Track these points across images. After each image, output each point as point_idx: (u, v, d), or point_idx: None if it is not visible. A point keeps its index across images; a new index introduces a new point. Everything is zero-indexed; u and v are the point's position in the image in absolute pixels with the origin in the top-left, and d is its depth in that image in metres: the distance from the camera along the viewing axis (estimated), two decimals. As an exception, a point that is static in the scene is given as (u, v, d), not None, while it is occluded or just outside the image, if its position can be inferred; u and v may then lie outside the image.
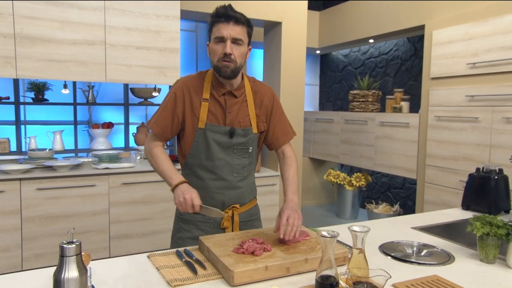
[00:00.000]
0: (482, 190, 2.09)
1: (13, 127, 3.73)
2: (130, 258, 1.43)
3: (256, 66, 5.07)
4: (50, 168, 2.99)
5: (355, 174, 4.59)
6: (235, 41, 1.50)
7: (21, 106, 3.79)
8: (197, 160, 1.62)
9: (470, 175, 2.16)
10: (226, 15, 1.48)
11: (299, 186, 1.71)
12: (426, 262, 1.41)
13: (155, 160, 1.62)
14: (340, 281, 1.14)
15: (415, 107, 4.27)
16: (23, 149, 3.75)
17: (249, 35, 1.57)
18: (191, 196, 1.46)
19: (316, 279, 1.14)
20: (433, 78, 3.56)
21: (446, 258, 1.46)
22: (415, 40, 4.47)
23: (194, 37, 4.83)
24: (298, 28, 3.83)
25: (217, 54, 1.51)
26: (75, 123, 3.97)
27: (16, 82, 3.60)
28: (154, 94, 3.87)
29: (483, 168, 2.13)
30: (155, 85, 3.92)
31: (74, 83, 3.83)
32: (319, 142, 5.09)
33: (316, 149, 5.15)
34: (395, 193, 4.82)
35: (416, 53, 4.46)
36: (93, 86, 3.93)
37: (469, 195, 2.17)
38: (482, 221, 1.43)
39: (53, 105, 3.77)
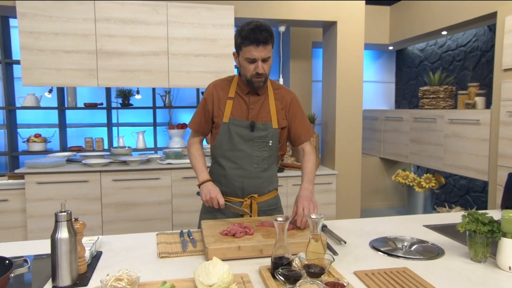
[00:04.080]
0: (523, 190, 1.91)
1: (106, 128, 4.40)
2: (142, 235, 1.70)
3: (318, 66, 5.10)
4: (125, 162, 3.49)
5: (425, 175, 4.33)
6: (265, 59, 1.68)
7: (112, 110, 4.45)
8: (220, 150, 1.81)
9: (510, 174, 1.98)
10: (255, 40, 1.62)
11: (315, 177, 1.82)
12: (406, 256, 1.41)
13: (190, 156, 1.90)
14: (295, 263, 1.24)
15: (493, 103, 3.88)
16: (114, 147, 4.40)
17: (273, 46, 1.72)
18: (216, 195, 1.70)
19: (271, 260, 1.26)
20: (505, 70, 3.23)
21: (434, 254, 1.43)
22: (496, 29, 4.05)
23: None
24: (355, 26, 3.79)
25: (250, 71, 1.70)
26: (154, 124, 4.50)
27: (108, 90, 4.25)
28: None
29: (525, 167, 1.94)
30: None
31: (154, 89, 4.36)
32: (389, 142, 4.90)
33: (386, 148, 4.97)
34: (475, 197, 4.40)
35: (497, 42, 4.03)
36: (169, 91, 4.43)
37: (508, 196, 1.99)
38: (471, 218, 1.36)
39: (136, 109, 4.35)
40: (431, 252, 1.45)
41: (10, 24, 3.94)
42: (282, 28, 3.89)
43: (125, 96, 4.30)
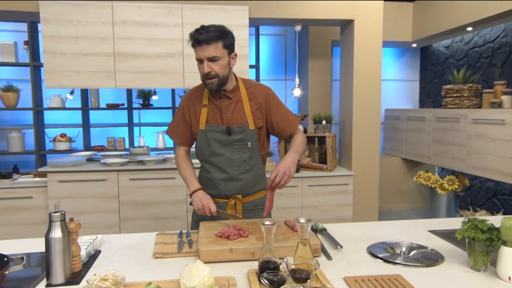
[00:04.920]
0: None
1: (127, 128, 4.52)
2: (143, 235, 1.73)
3: (338, 65, 5.01)
4: (141, 162, 3.57)
5: (448, 176, 4.17)
6: (211, 59, 1.67)
7: (135, 111, 4.56)
8: (201, 156, 1.85)
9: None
10: (196, 39, 1.65)
11: (303, 152, 1.83)
12: (401, 262, 1.37)
13: (178, 168, 1.93)
14: (282, 267, 1.23)
15: (522, 101, 3.68)
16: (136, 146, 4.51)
17: (227, 46, 1.70)
18: (208, 203, 1.72)
19: (258, 263, 1.25)
20: (532, 67, 3.06)
21: (432, 261, 1.38)
22: (525, 24, 3.85)
23: (283, 41, 5.05)
24: (373, 24, 3.70)
25: (201, 73, 1.72)
26: (174, 124, 4.57)
27: (129, 91, 4.35)
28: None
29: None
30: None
31: (173, 90, 4.43)
32: (411, 142, 4.75)
33: (408, 149, 4.82)
34: (503, 200, 4.21)
35: (526, 38, 3.83)
36: (188, 92, 4.48)
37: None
38: (470, 225, 1.31)
39: (155, 109, 4.44)
40: (430, 259, 1.40)
41: (39, 29, 4.10)
42: (298, 28, 3.86)
43: (145, 96, 4.39)
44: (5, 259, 1.26)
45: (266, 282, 1.16)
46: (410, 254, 1.45)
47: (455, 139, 3.96)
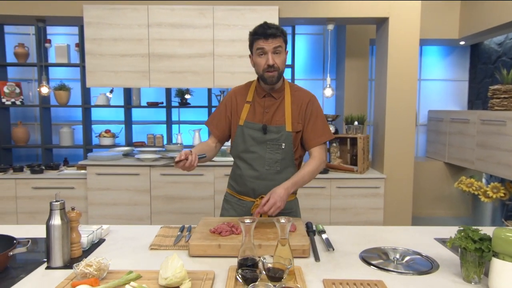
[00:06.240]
0: None
1: (165, 125, 4.71)
2: (149, 227, 1.82)
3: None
4: (172, 158, 3.71)
5: (492, 183, 3.88)
6: (275, 50, 1.70)
7: (174, 109, 4.75)
8: (235, 151, 1.88)
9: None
10: (264, 34, 1.68)
11: (305, 182, 1.76)
12: (388, 269, 1.32)
13: None
14: (259, 265, 1.24)
15: None
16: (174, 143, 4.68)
17: (285, 42, 1.75)
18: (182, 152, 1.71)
19: (237, 261, 1.27)
20: None
21: (425, 269, 1.32)
22: None
23: (321, 40, 4.99)
24: (409, 22, 3.54)
25: (261, 66, 1.73)
26: (209, 123, 4.69)
27: (168, 90, 4.54)
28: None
29: None
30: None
31: (210, 89, 4.55)
32: (454, 145, 4.48)
33: (451, 153, 4.55)
34: (557, 211, 3.84)
35: None
36: (224, 92, 4.58)
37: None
38: (464, 234, 1.23)
39: (192, 108, 4.59)
40: (423, 266, 1.34)
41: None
42: (330, 27, 3.79)
43: (183, 95, 4.56)
44: (14, 241, 1.40)
45: (240, 278, 1.18)
46: (403, 261, 1.40)
47: (501, 143, 3.68)
